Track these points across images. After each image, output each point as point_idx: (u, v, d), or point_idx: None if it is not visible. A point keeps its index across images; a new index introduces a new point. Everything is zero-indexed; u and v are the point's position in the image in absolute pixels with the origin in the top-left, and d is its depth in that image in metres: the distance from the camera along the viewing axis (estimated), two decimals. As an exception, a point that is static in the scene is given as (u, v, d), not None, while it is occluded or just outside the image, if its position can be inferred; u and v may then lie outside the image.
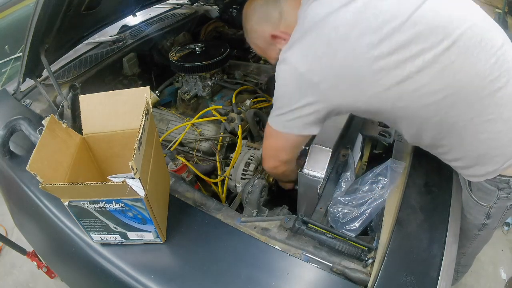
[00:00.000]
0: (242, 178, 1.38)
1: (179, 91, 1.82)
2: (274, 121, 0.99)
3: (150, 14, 2.32)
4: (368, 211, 1.04)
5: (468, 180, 1.04)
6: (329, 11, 0.83)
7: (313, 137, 1.16)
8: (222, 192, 1.42)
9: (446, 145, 0.93)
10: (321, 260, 0.89)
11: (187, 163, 1.41)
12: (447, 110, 0.83)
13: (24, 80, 1.45)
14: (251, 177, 1.31)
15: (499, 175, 0.94)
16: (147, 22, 2.21)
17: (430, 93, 0.81)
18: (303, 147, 1.12)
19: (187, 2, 2.42)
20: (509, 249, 2.19)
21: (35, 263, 1.95)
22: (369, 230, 1.09)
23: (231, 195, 1.48)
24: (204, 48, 1.82)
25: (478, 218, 1.12)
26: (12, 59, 2.31)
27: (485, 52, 0.80)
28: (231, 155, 1.47)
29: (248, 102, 1.67)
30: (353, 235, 1.01)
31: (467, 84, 0.80)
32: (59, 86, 1.39)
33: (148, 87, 0.97)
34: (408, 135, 0.98)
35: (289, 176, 1.25)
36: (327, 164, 1.13)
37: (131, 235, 0.93)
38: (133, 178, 0.74)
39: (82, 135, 1.01)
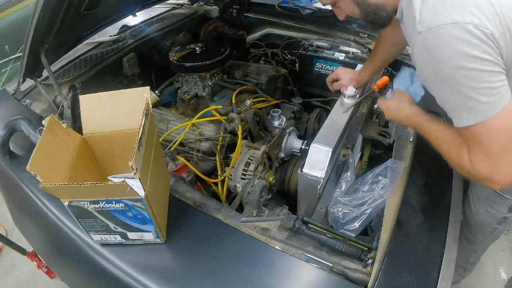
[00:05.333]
0: (242, 178, 1.38)
1: (179, 91, 1.81)
2: (484, 114, 0.75)
3: (150, 14, 2.31)
4: (368, 211, 1.04)
5: None
6: None
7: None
8: (222, 192, 1.42)
9: None
10: (321, 260, 0.89)
11: (187, 163, 1.40)
12: None
13: (24, 80, 1.45)
14: (251, 177, 1.32)
15: None
16: (147, 22, 2.20)
17: None
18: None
19: (187, 2, 2.42)
20: (509, 249, 2.19)
21: (35, 263, 1.95)
22: (369, 230, 1.09)
23: (231, 195, 1.48)
24: (204, 48, 1.82)
25: (501, 211, 1.18)
26: (12, 59, 2.30)
27: None
28: (231, 155, 1.47)
29: (248, 102, 1.66)
30: (353, 235, 1.01)
31: None
32: (59, 86, 1.39)
33: (148, 87, 0.97)
34: None
35: None
36: (327, 164, 1.13)
37: (131, 235, 0.94)
38: (133, 178, 0.74)
39: (82, 135, 1.01)
